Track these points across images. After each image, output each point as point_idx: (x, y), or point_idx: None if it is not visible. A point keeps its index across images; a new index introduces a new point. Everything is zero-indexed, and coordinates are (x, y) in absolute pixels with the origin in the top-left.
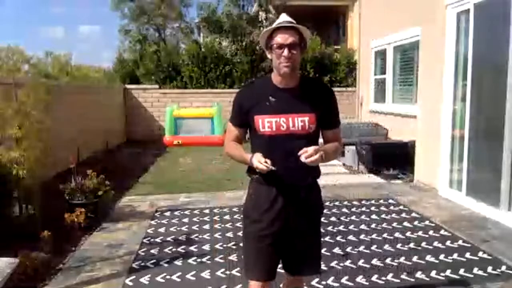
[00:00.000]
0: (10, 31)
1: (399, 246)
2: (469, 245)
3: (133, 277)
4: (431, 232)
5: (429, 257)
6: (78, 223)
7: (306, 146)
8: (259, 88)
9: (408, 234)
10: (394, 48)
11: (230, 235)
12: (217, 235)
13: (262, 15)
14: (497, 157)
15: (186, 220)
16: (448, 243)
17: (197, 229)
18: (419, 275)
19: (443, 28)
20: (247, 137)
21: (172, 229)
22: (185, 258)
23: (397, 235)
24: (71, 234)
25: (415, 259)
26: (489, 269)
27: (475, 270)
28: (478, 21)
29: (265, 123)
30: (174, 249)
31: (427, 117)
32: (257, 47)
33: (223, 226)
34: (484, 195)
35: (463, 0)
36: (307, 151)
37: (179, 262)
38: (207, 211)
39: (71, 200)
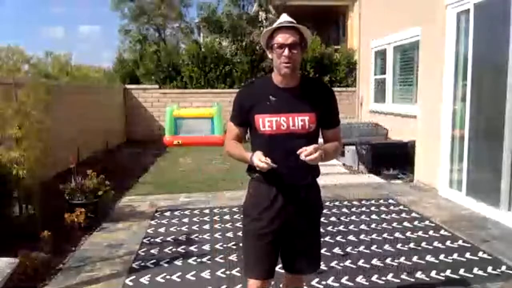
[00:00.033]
0: (10, 31)
1: (399, 246)
2: (469, 245)
3: (133, 277)
4: (431, 232)
5: (429, 257)
6: (78, 223)
7: (306, 145)
8: (259, 87)
9: (408, 234)
10: (394, 48)
11: (230, 235)
12: (217, 235)
13: (262, 15)
14: (497, 157)
15: (186, 220)
16: (448, 243)
17: (197, 229)
18: (419, 275)
19: (443, 28)
20: (247, 137)
21: (172, 229)
22: (185, 258)
23: (397, 235)
24: (71, 234)
25: (415, 259)
26: (489, 269)
27: (475, 270)
28: (478, 21)
29: (266, 122)
30: (174, 249)
31: (427, 117)
32: (257, 47)
33: (223, 226)
34: (484, 195)
35: (463, 0)
36: (306, 150)
37: (179, 262)
38: (207, 211)
39: (71, 200)
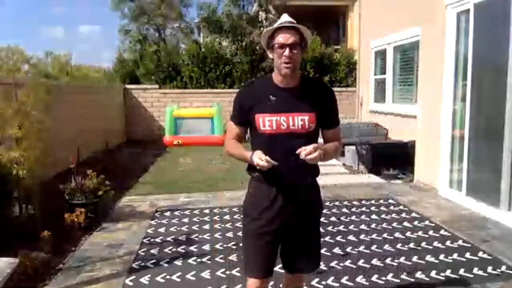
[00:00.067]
0: (10, 31)
1: (399, 246)
2: (469, 245)
3: (133, 277)
4: (431, 232)
5: (429, 257)
6: (78, 223)
7: (305, 145)
8: (259, 87)
9: (408, 234)
10: (394, 48)
11: (230, 235)
12: (217, 235)
13: (262, 15)
14: (497, 157)
15: (186, 220)
16: (448, 243)
17: (197, 229)
18: (419, 275)
19: (443, 28)
20: (247, 137)
21: (172, 229)
22: (185, 258)
23: (397, 235)
24: (71, 234)
25: (415, 259)
26: (489, 269)
27: (475, 270)
28: (478, 21)
29: (266, 122)
30: (174, 249)
31: (427, 117)
32: (257, 47)
33: (223, 226)
34: (484, 195)
35: (463, 0)
36: (306, 149)
37: (179, 262)
38: (207, 211)
39: (71, 200)
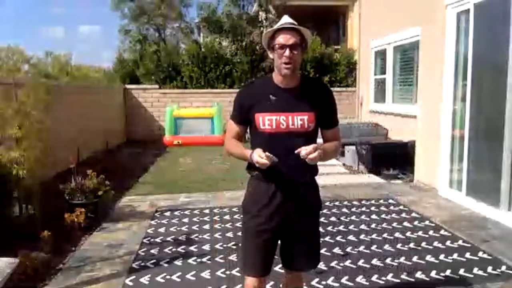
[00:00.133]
0: (10, 31)
1: (399, 246)
2: (469, 245)
3: (133, 277)
4: (431, 232)
5: (429, 257)
6: (78, 223)
7: (305, 144)
8: (259, 87)
9: (408, 234)
10: (394, 48)
11: (230, 235)
12: (217, 235)
13: (262, 15)
14: (497, 157)
15: (186, 220)
16: (448, 243)
17: (197, 229)
18: (419, 275)
19: (443, 28)
20: (247, 137)
21: (172, 229)
22: (185, 258)
23: (397, 235)
24: (71, 234)
25: (415, 259)
26: (489, 269)
27: (475, 270)
28: (478, 21)
29: (266, 121)
30: (174, 249)
31: (427, 117)
32: (257, 47)
33: (223, 226)
34: (484, 195)
35: (463, 0)
36: (306, 149)
37: (179, 262)
38: (207, 211)
39: (71, 200)
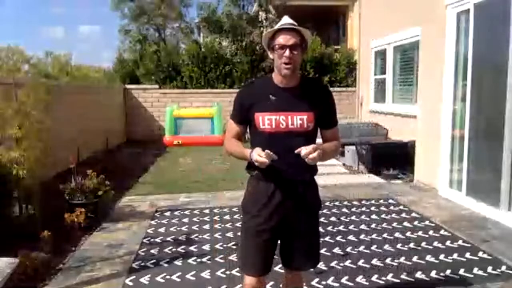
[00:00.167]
0: (10, 31)
1: (399, 246)
2: (469, 245)
3: (133, 277)
4: (431, 232)
5: (429, 257)
6: (78, 223)
7: (304, 144)
8: (259, 87)
9: (408, 234)
10: (394, 48)
11: (230, 235)
12: (217, 235)
13: (262, 15)
14: (497, 157)
15: (186, 220)
16: (448, 243)
17: (197, 229)
18: (419, 275)
19: (443, 28)
20: (247, 137)
21: (172, 229)
22: (185, 258)
23: (397, 235)
24: (71, 234)
25: (415, 259)
26: (489, 269)
27: (475, 270)
28: (478, 21)
29: (265, 120)
30: (174, 249)
31: (427, 117)
32: (257, 47)
33: (223, 226)
34: (484, 195)
35: (463, 0)
36: (306, 149)
37: (179, 262)
38: (207, 211)
39: (71, 200)
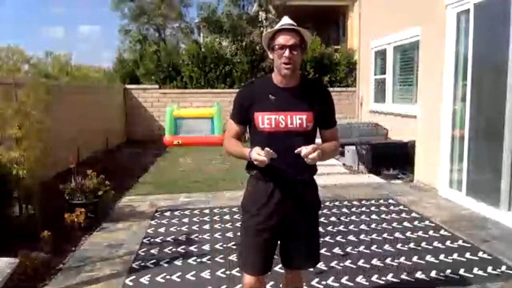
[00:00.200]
0: (10, 31)
1: (399, 246)
2: (469, 245)
3: (133, 277)
4: (431, 232)
5: (429, 257)
6: (78, 223)
7: (304, 143)
8: (259, 87)
9: (408, 234)
10: (394, 48)
11: (230, 235)
12: (217, 235)
13: (262, 15)
14: (497, 157)
15: (186, 220)
16: (448, 243)
17: (197, 229)
18: (419, 275)
19: (443, 28)
20: (247, 137)
21: (172, 229)
22: (185, 258)
23: (397, 235)
24: (71, 234)
25: (415, 259)
26: (489, 269)
27: (475, 270)
28: (478, 21)
29: (265, 120)
30: (174, 249)
31: (427, 117)
32: (257, 47)
33: (223, 226)
34: (484, 195)
35: (463, 0)
36: (306, 149)
37: (179, 262)
38: (207, 211)
39: (71, 200)
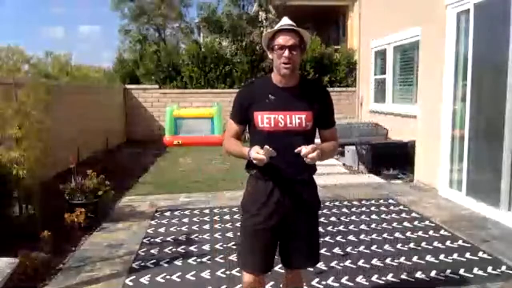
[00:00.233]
0: (10, 31)
1: (399, 246)
2: (469, 245)
3: (133, 277)
4: (431, 232)
5: (429, 257)
6: (78, 223)
7: (303, 143)
8: (259, 87)
9: (408, 234)
10: (394, 48)
11: (230, 235)
12: (217, 235)
13: (262, 15)
14: (497, 157)
15: (186, 220)
16: (448, 243)
17: (197, 229)
18: (419, 275)
19: (443, 28)
20: (247, 137)
21: (172, 229)
22: (185, 258)
23: (397, 235)
24: (71, 234)
25: (415, 259)
26: (489, 269)
27: (475, 270)
28: (478, 21)
29: (264, 119)
30: (174, 249)
31: (427, 117)
32: (257, 47)
33: (223, 226)
34: (484, 195)
35: (463, 0)
36: (306, 148)
37: (179, 262)
38: (207, 211)
39: (71, 200)
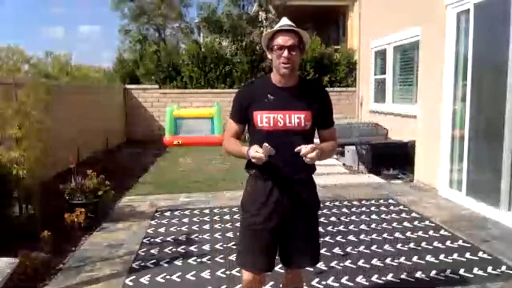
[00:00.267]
0: (10, 31)
1: (399, 246)
2: (469, 245)
3: (133, 277)
4: (431, 232)
5: (429, 257)
6: (78, 223)
7: (302, 142)
8: (258, 87)
9: (408, 234)
10: (394, 48)
11: (230, 235)
12: (217, 235)
13: (262, 15)
14: (497, 157)
15: (186, 220)
16: (448, 243)
17: (197, 229)
18: (419, 275)
19: (443, 28)
20: (246, 136)
21: (172, 229)
22: (185, 258)
23: (397, 235)
24: (71, 234)
25: (415, 259)
26: (489, 269)
27: (475, 270)
28: (478, 21)
29: (263, 119)
30: (174, 249)
31: (427, 117)
32: (257, 47)
33: (223, 226)
34: (484, 195)
35: (463, 0)
36: (306, 148)
37: (179, 262)
38: (207, 211)
39: (71, 200)
